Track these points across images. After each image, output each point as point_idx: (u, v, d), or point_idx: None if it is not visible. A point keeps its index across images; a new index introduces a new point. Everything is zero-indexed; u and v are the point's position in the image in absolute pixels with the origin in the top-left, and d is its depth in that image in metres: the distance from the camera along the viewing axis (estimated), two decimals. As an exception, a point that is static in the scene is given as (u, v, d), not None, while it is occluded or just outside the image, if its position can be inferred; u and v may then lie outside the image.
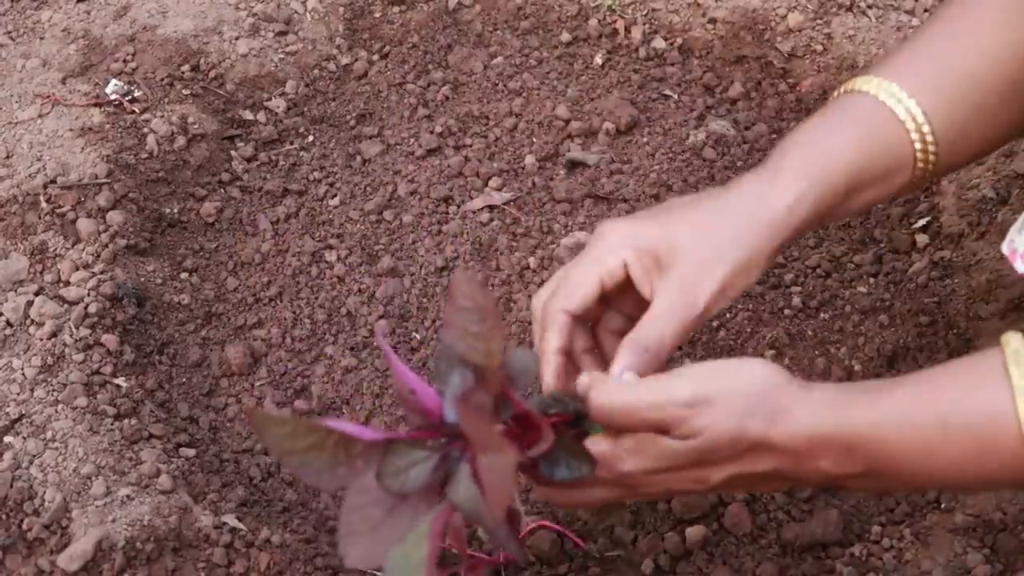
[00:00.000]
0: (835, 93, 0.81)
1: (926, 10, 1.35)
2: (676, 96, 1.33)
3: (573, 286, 0.74)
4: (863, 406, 0.65)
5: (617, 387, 0.68)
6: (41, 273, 1.09)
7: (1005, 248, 0.76)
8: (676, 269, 0.72)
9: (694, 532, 0.93)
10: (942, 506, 0.92)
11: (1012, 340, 0.63)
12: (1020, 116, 0.80)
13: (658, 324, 0.71)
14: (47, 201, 1.14)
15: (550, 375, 0.74)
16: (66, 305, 1.05)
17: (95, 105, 1.26)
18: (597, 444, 0.69)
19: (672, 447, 0.66)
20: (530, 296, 1.11)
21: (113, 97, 1.28)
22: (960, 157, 0.81)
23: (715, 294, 0.72)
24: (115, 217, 1.14)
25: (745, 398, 0.65)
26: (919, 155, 0.78)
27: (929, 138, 0.77)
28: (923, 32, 0.81)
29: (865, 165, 0.76)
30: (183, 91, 1.30)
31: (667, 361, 0.73)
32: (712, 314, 0.74)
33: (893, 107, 0.76)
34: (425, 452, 0.62)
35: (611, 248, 0.74)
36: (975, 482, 0.67)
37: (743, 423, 0.65)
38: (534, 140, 1.29)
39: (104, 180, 1.17)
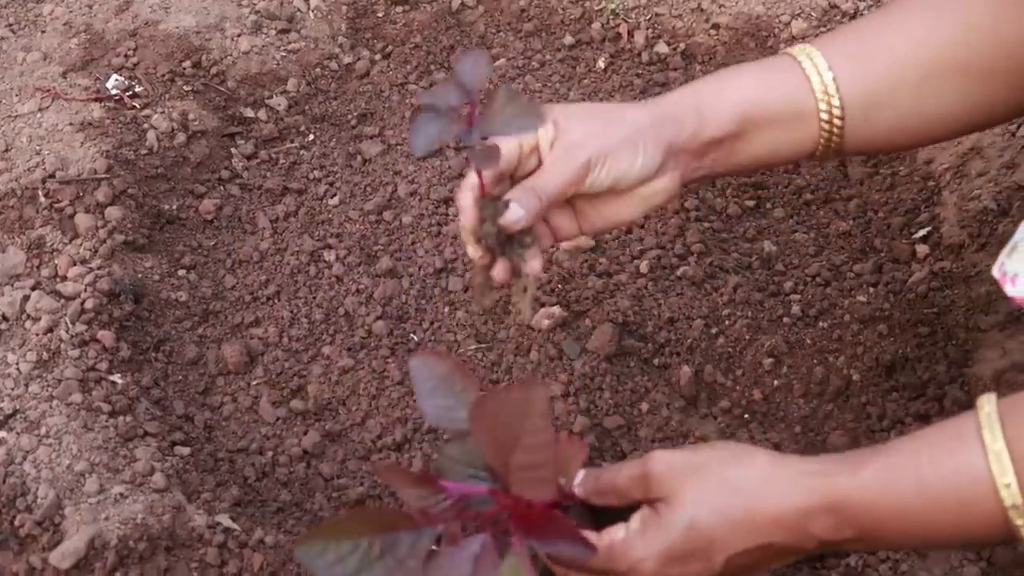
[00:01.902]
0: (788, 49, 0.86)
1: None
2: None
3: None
4: (846, 474, 0.68)
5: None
6: (38, 268, 1.09)
7: (995, 271, 0.77)
8: (567, 134, 0.81)
9: (690, 540, 0.92)
10: (939, 518, 0.92)
11: (985, 404, 0.66)
12: (955, 111, 0.82)
13: (545, 173, 0.81)
14: (45, 195, 1.14)
15: (467, 200, 0.81)
16: (63, 300, 1.05)
17: (95, 100, 1.26)
18: (610, 533, 0.72)
19: (674, 527, 0.70)
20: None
21: (114, 92, 1.27)
22: (876, 133, 0.84)
23: (595, 154, 0.80)
24: (113, 213, 1.14)
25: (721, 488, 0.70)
26: (823, 115, 0.82)
27: (835, 101, 0.81)
28: (868, 14, 0.87)
29: (759, 104, 0.82)
30: (184, 87, 1.30)
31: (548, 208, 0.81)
32: (598, 180, 0.80)
33: (804, 66, 0.82)
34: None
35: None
36: (959, 541, 0.71)
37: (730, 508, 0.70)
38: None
39: (103, 175, 1.16)
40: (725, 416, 1.04)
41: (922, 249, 1.15)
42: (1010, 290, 0.75)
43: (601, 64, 1.38)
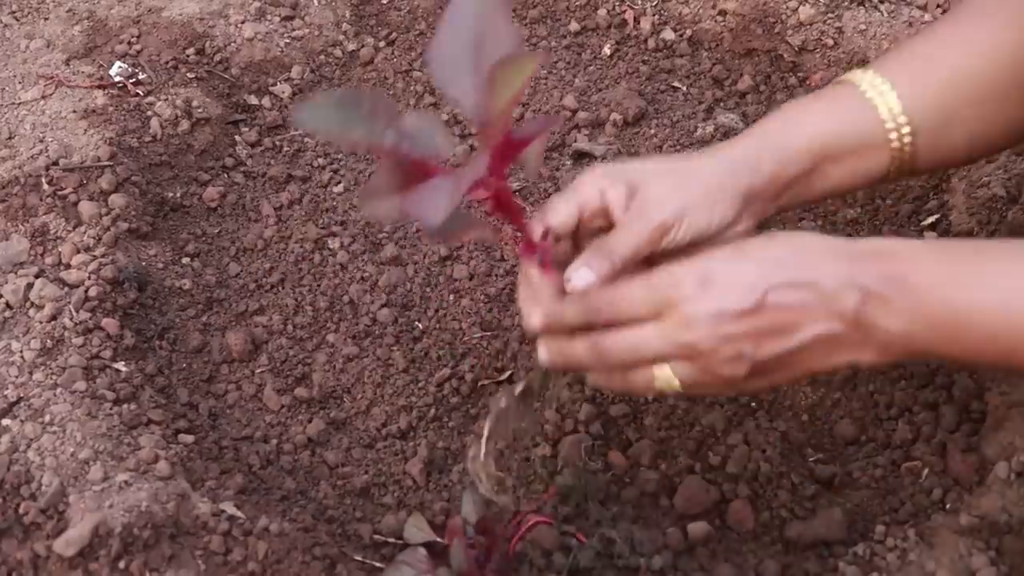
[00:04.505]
0: (845, 76, 0.85)
1: (938, 5, 1.33)
2: (685, 88, 1.32)
3: (553, 208, 0.78)
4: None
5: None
6: (42, 255, 1.08)
7: None
8: (642, 193, 0.78)
9: (696, 528, 0.92)
10: (947, 507, 0.92)
11: None
12: (1018, 121, 0.81)
13: (619, 235, 0.77)
14: (49, 183, 1.13)
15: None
16: (66, 288, 1.05)
17: (99, 87, 1.25)
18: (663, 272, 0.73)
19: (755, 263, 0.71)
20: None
21: (117, 79, 1.26)
22: (948, 151, 0.84)
23: (673, 216, 0.77)
24: (117, 200, 1.13)
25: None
26: (893, 142, 0.81)
27: (904, 127, 0.81)
28: (924, 30, 0.84)
29: (830, 139, 0.81)
30: (188, 74, 1.29)
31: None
32: (676, 239, 0.77)
33: (869, 95, 0.81)
34: None
35: (591, 180, 0.79)
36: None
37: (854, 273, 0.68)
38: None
39: (107, 163, 1.16)
40: (731, 404, 1.04)
41: (931, 236, 1.14)
42: None
43: (607, 51, 1.37)
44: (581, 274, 0.74)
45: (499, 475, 0.83)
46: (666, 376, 0.74)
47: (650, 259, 0.78)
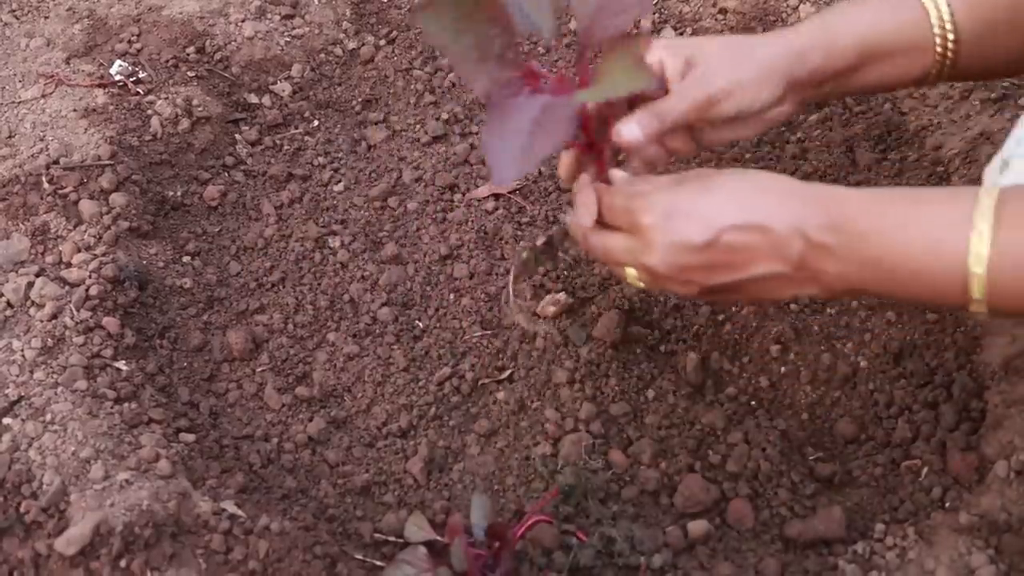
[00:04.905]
0: None
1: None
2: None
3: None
4: (844, 189, 0.75)
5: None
6: (42, 254, 1.08)
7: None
8: (697, 67, 0.85)
9: (696, 527, 0.92)
10: (947, 505, 0.92)
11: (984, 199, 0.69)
12: None
13: (671, 100, 0.84)
14: (49, 182, 1.13)
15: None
16: (67, 287, 1.05)
17: (99, 86, 1.25)
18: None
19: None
20: (535, 286, 1.10)
21: (117, 78, 1.26)
22: (987, 62, 0.88)
23: (723, 89, 0.84)
24: (118, 199, 1.13)
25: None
26: (938, 47, 0.86)
27: (950, 34, 0.86)
28: None
29: (878, 38, 0.87)
30: (188, 73, 1.29)
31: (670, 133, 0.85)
32: (723, 110, 0.85)
33: (929, 8, 0.86)
34: None
35: (653, 50, 0.87)
36: (918, 291, 0.73)
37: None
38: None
39: (107, 162, 1.16)
40: (731, 403, 1.04)
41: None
42: None
43: (607, 49, 1.37)
44: (630, 128, 0.82)
45: (530, 305, 0.97)
46: (632, 276, 0.83)
47: (694, 131, 0.87)
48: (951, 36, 0.86)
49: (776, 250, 0.74)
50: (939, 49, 0.87)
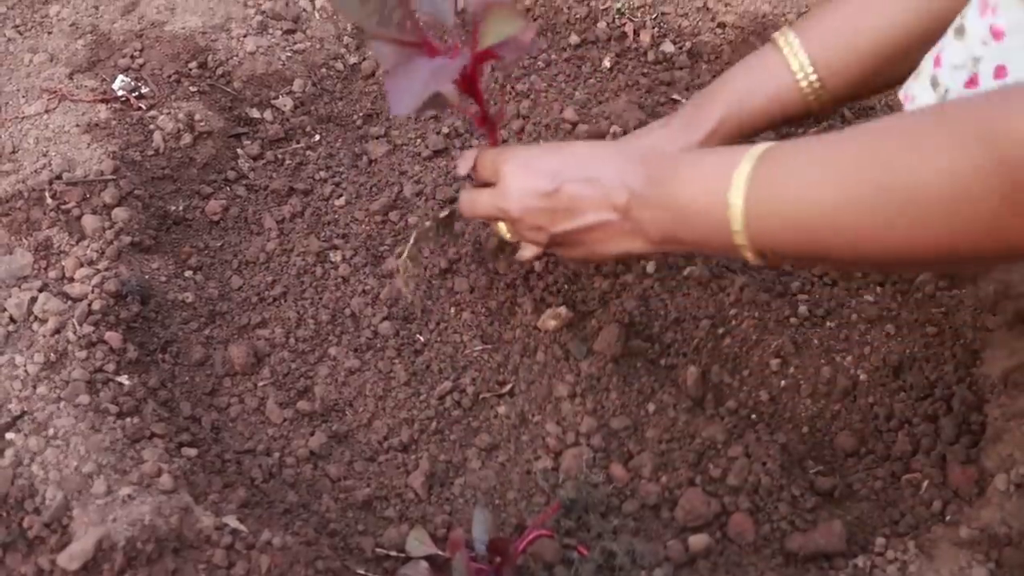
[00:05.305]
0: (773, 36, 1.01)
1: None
2: (684, 100, 1.33)
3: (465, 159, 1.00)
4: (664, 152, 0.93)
5: None
6: (45, 269, 1.09)
7: (901, 94, 0.89)
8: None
9: (697, 541, 0.92)
10: (947, 519, 0.92)
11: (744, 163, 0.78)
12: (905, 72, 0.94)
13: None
14: (52, 197, 1.14)
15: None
16: (70, 302, 1.05)
17: (102, 101, 1.26)
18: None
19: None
20: (534, 299, 1.10)
21: (120, 93, 1.27)
22: (856, 92, 1.00)
23: None
24: (120, 214, 1.14)
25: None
26: (805, 88, 0.98)
27: (812, 74, 0.97)
28: None
29: (754, 93, 1.00)
30: (190, 88, 1.30)
31: None
32: None
33: (785, 51, 0.98)
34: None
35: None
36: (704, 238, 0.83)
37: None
38: (541, 143, 1.28)
39: (110, 177, 1.17)
40: (732, 416, 1.04)
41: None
42: (910, 108, 0.87)
43: (607, 63, 1.38)
44: (464, 161, 0.97)
45: (415, 273, 1.05)
46: (502, 228, 0.98)
47: None
48: (813, 78, 0.97)
49: (606, 198, 0.86)
50: (807, 90, 0.98)
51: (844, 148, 0.73)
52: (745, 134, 1.02)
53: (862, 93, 1.01)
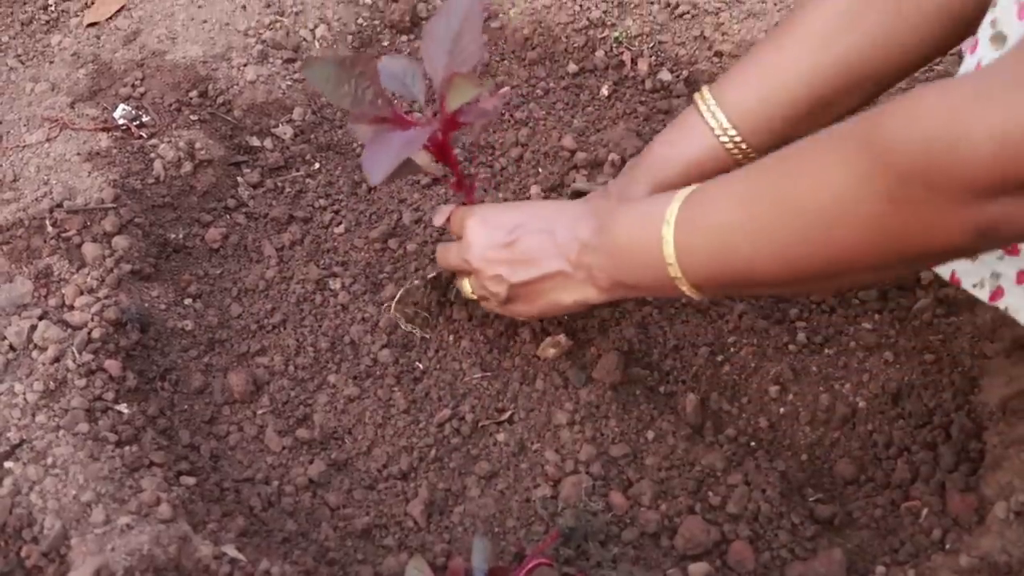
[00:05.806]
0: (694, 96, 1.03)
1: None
2: (682, 129, 1.34)
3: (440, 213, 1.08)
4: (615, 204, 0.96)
5: None
6: (45, 297, 1.09)
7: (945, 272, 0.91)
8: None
9: (697, 569, 0.92)
10: (947, 547, 0.92)
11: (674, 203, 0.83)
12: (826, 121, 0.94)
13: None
14: (53, 225, 1.14)
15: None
16: (70, 330, 1.05)
17: (103, 129, 1.27)
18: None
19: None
20: (535, 331, 1.11)
21: (121, 122, 1.28)
22: (779, 141, 0.98)
23: None
24: (120, 242, 1.14)
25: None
26: (727, 143, 1.00)
27: (731, 129, 0.99)
28: (757, 50, 1.00)
29: (681, 157, 1.01)
30: (191, 117, 1.31)
31: None
32: None
33: (703, 111, 1.00)
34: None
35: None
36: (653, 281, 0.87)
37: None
38: (540, 170, 1.29)
39: (110, 205, 1.17)
40: (731, 444, 1.04)
41: (926, 275, 1.15)
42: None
43: (605, 92, 1.39)
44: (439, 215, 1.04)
45: (409, 313, 1.12)
46: (467, 288, 1.03)
47: None
48: (732, 133, 0.99)
49: (560, 249, 0.92)
50: (728, 146, 1.00)
51: (753, 176, 0.78)
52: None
53: (796, 138, 1.02)
